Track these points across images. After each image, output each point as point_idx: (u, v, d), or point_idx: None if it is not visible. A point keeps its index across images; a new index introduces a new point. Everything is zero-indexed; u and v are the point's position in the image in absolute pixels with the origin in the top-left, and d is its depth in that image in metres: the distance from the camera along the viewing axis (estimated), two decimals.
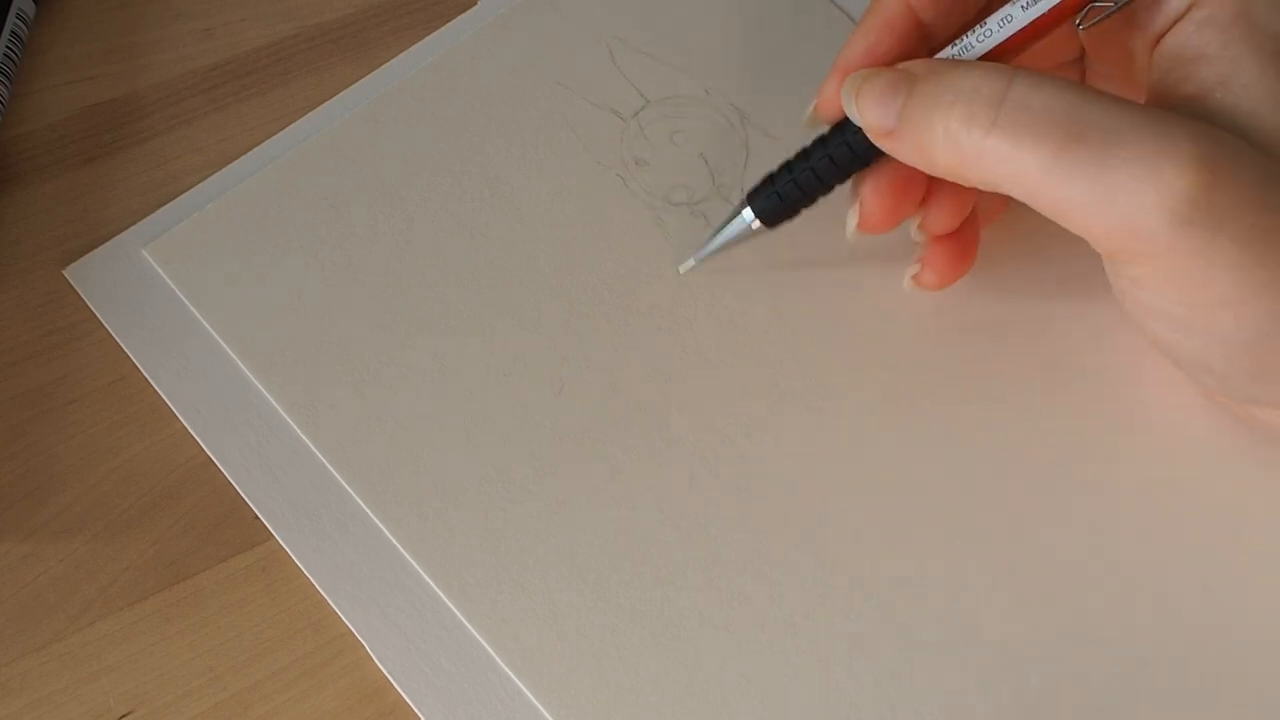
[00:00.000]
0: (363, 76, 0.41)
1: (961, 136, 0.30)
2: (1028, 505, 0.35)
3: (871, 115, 0.32)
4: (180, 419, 0.36)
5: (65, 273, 0.38)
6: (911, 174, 0.34)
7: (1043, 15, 0.32)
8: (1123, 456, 0.36)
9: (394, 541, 0.35)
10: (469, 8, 0.42)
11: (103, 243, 0.39)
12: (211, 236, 0.38)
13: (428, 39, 0.42)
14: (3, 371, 0.37)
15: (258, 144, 0.40)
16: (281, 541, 0.35)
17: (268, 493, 0.35)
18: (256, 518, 0.35)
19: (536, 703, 0.33)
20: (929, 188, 0.35)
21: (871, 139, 0.32)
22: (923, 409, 0.36)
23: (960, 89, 0.30)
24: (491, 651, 0.33)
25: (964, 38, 0.33)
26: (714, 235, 0.37)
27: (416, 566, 0.34)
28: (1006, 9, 0.32)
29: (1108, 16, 0.32)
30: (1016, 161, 0.29)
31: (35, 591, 0.34)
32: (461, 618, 0.34)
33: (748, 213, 0.36)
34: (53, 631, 0.34)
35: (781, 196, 0.35)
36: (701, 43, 0.41)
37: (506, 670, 0.33)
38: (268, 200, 0.39)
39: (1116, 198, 0.28)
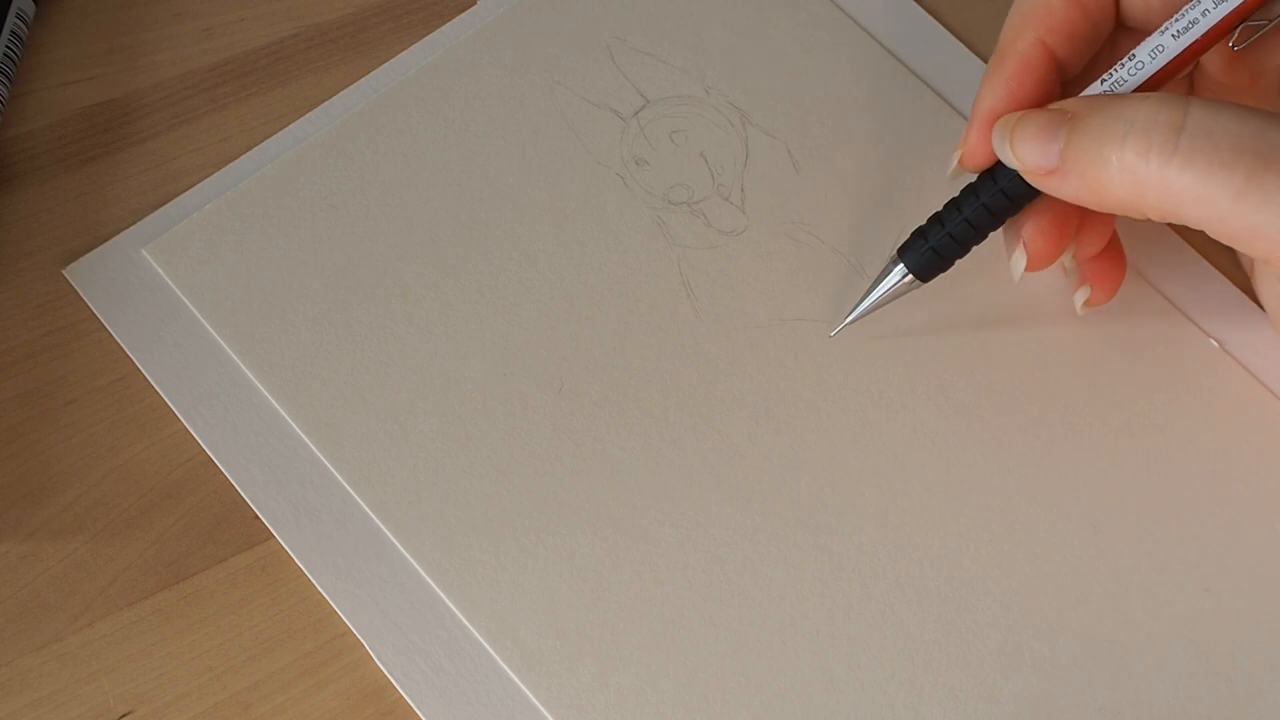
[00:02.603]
0: (362, 76, 0.41)
1: (1140, 168, 0.29)
2: (1030, 505, 0.35)
3: (1030, 156, 0.31)
4: (180, 419, 0.36)
5: (65, 273, 0.38)
6: (1068, 208, 0.33)
7: (1196, 41, 0.31)
8: (1124, 456, 0.36)
9: (394, 541, 0.35)
10: (469, 7, 0.42)
11: (102, 243, 0.38)
12: (211, 236, 0.38)
13: (427, 39, 0.42)
14: (2, 371, 0.37)
15: (258, 144, 0.40)
16: (281, 541, 0.35)
17: (268, 493, 0.35)
18: (256, 518, 0.35)
19: (536, 703, 0.33)
20: (1080, 217, 0.34)
21: (1030, 181, 0.32)
22: (923, 407, 0.36)
23: (1133, 119, 0.30)
24: (491, 651, 0.33)
25: (1113, 72, 0.32)
26: (865, 295, 0.36)
27: (417, 566, 0.34)
28: (1155, 39, 0.31)
29: (1261, 34, 0.32)
30: (1203, 189, 0.29)
31: (35, 591, 0.34)
32: (462, 618, 0.34)
33: (900, 269, 0.35)
34: (53, 631, 0.34)
35: (937, 250, 0.34)
36: (701, 43, 0.41)
37: (506, 670, 0.33)
38: (267, 200, 0.39)
39: None
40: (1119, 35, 0.35)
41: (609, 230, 0.39)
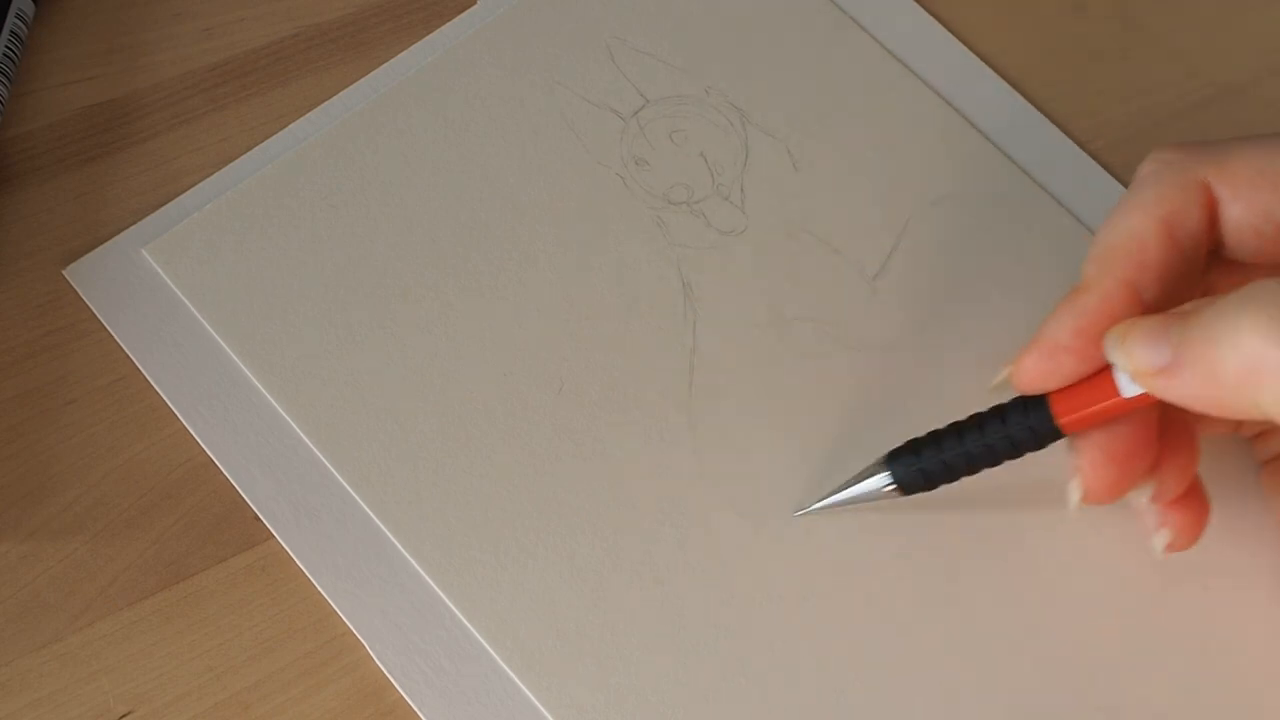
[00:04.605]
0: (362, 76, 0.41)
1: (1256, 344, 0.27)
2: (1029, 503, 0.35)
3: (1142, 354, 0.29)
4: (180, 419, 0.36)
5: (65, 273, 0.38)
6: (1136, 444, 0.32)
7: None
8: None
9: (394, 541, 0.35)
10: (469, 7, 0.42)
11: (103, 243, 0.39)
12: (211, 236, 0.38)
13: (427, 39, 0.42)
14: (2, 371, 0.37)
15: (258, 144, 0.40)
16: (281, 541, 0.35)
17: (268, 493, 0.35)
18: (256, 518, 0.35)
19: (536, 702, 0.33)
20: (1159, 454, 0.32)
21: (1140, 382, 0.30)
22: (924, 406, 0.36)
23: (1250, 294, 0.27)
24: (491, 651, 0.33)
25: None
26: (843, 489, 0.34)
27: (417, 567, 0.34)
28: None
29: None
30: None
31: (35, 591, 0.34)
32: (462, 618, 0.34)
33: (884, 476, 0.33)
34: (53, 631, 0.34)
35: (926, 474, 0.33)
36: (701, 43, 0.41)
37: (506, 670, 0.33)
38: (268, 200, 0.39)
39: None
40: (1216, 270, 0.33)
41: (609, 230, 0.39)
